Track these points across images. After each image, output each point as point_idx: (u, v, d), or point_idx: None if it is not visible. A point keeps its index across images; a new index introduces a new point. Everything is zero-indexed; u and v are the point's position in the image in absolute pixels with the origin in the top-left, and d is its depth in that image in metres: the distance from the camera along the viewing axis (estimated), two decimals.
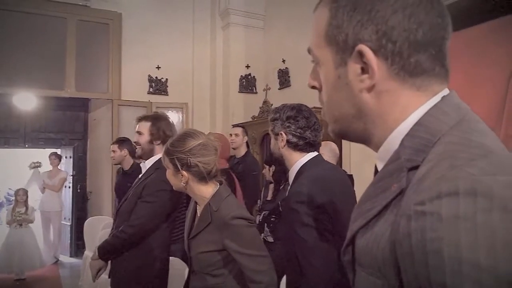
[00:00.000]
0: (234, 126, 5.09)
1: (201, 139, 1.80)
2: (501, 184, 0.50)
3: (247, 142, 4.76)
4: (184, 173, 1.77)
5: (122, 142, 4.33)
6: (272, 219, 3.80)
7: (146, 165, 2.57)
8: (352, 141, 0.76)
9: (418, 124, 0.64)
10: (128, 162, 4.33)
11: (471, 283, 0.47)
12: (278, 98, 6.07)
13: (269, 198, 3.98)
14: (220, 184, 1.85)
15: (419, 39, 0.63)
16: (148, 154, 2.55)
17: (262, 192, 4.13)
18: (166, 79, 6.77)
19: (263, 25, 6.90)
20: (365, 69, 0.66)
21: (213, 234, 1.73)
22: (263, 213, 3.89)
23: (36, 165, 7.43)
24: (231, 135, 4.63)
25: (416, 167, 0.60)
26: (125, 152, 4.28)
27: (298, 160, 1.78)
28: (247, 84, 6.80)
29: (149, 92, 6.68)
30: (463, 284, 0.47)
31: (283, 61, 6.22)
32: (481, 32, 3.20)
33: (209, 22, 7.01)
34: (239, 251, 1.69)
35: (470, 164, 0.54)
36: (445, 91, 0.67)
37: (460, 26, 3.15)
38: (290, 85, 6.17)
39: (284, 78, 6.25)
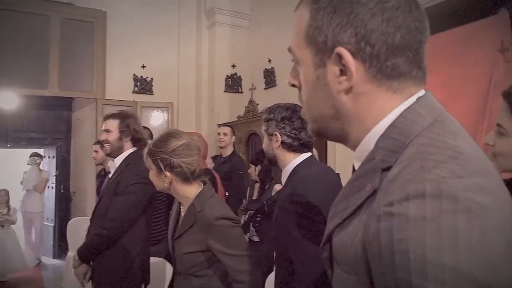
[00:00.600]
0: (222, 125, 5.08)
1: (184, 139, 1.79)
2: (467, 186, 0.52)
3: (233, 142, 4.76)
4: (168, 173, 1.75)
5: None
6: (257, 219, 3.80)
7: (115, 163, 2.57)
8: (330, 140, 0.79)
9: (392, 125, 0.65)
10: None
11: (434, 283, 0.48)
12: (264, 98, 6.07)
13: (254, 197, 3.99)
14: (204, 184, 1.84)
15: (397, 43, 0.64)
16: (117, 152, 2.56)
17: (248, 192, 4.13)
18: (151, 78, 6.72)
19: (249, 24, 6.90)
20: (343, 71, 0.67)
21: (197, 234, 1.72)
22: (249, 212, 3.89)
23: (37, 161, 7.24)
24: (219, 134, 4.64)
25: (389, 168, 0.61)
26: None
27: (292, 161, 1.76)
28: (233, 83, 6.79)
29: (134, 92, 6.63)
30: (427, 284, 0.49)
31: (269, 60, 6.23)
32: (463, 33, 3.25)
33: (195, 21, 6.99)
34: (223, 251, 1.68)
35: (439, 166, 0.55)
36: (421, 92, 0.68)
37: (443, 27, 3.19)
38: (275, 85, 6.18)
39: (269, 78, 6.25)
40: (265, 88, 6.32)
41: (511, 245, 0.52)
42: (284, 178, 1.77)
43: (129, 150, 2.55)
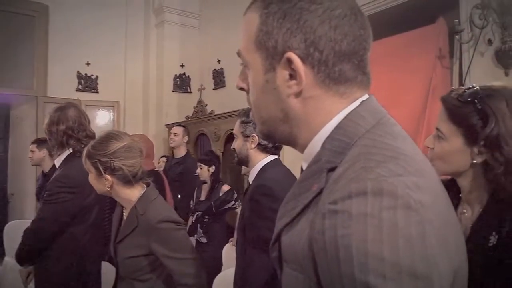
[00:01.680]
0: (176, 125, 5.02)
1: (125, 141, 1.73)
2: (405, 184, 0.56)
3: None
4: (108, 177, 1.69)
5: (42, 142, 4.09)
6: (205, 220, 3.77)
7: (56, 165, 2.40)
8: (279, 142, 0.80)
9: (337, 127, 0.69)
10: (48, 164, 4.10)
11: (375, 275, 0.51)
12: (213, 98, 6.04)
13: (202, 198, 3.95)
14: (148, 186, 1.80)
15: (344, 49, 0.67)
16: (54, 154, 2.38)
17: (195, 193, 4.09)
18: (97, 76, 6.50)
19: (198, 24, 6.84)
20: (293, 76, 0.69)
21: (140, 238, 1.67)
22: (196, 213, 3.85)
23: None
24: (170, 134, 4.58)
25: (334, 168, 0.64)
26: (44, 152, 4.05)
27: (261, 161, 1.94)
28: (182, 83, 6.71)
29: (77, 89, 6.38)
30: (369, 277, 0.51)
31: (218, 61, 6.20)
32: (404, 40, 3.38)
33: (143, 19, 6.83)
34: (167, 255, 1.65)
35: (380, 166, 0.58)
36: (365, 97, 0.72)
37: (385, 34, 3.30)
38: (225, 86, 6.16)
39: (219, 79, 6.23)
40: (214, 89, 6.29)
41: (447, 239, 0.57)
42: (252, 176, 1.95)
43: (66, 152, 2.34)
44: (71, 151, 2.31)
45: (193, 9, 6.75)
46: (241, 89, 0.80)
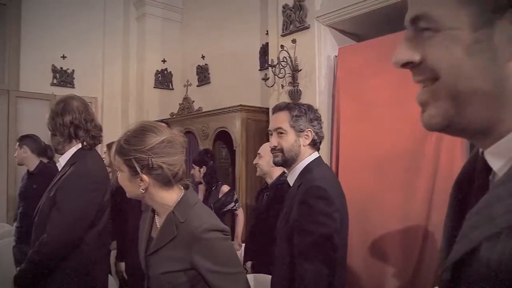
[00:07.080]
0: (158, 121, 4.75)
1: (165, 134, 1.46)
2: None
3: None
4: (145, 177, 1.43)
5: (22, 139, 3.83)
6: None
7: (60, 163, 2.14)
8: (457, 132, 0.60)
9: None
10: (32, 162, 3.81)
11: None
12: (197, 95, 5.82)
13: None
14: (186, 188, 1.56)
15: None
16: (60, 150, 2.13)
17: None
18: (73, 70, 6.17)
19: (181, 18, 6.60)
20: None
21: (179, 250, 1.42)
22: None
23: None
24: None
25: None
26: (24, 150, 3.76)
27: (305, 159, 1.81)
28: (163, 79, 6.46)
29: (52, 84, 6.03)
30: None
31: (203, 57, 5.99)
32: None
33: (122, 11, 6.54)
34: (213, 269, 1.40)
35: None
36: None
37: (395, 29, 3.19)
38: (209, 82, 5.97)
39: (203, 75, 6.02)
40: (198, 85, 6.07)
41: None
42: (294, 175, 1.81)
43: (74, 147, 2.10)
44: (79, 145, 2.08)
45: (176, 3, 6.52)
46: (406, 64, 0.60)
